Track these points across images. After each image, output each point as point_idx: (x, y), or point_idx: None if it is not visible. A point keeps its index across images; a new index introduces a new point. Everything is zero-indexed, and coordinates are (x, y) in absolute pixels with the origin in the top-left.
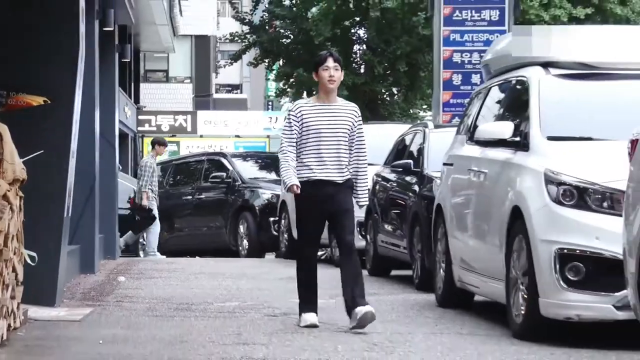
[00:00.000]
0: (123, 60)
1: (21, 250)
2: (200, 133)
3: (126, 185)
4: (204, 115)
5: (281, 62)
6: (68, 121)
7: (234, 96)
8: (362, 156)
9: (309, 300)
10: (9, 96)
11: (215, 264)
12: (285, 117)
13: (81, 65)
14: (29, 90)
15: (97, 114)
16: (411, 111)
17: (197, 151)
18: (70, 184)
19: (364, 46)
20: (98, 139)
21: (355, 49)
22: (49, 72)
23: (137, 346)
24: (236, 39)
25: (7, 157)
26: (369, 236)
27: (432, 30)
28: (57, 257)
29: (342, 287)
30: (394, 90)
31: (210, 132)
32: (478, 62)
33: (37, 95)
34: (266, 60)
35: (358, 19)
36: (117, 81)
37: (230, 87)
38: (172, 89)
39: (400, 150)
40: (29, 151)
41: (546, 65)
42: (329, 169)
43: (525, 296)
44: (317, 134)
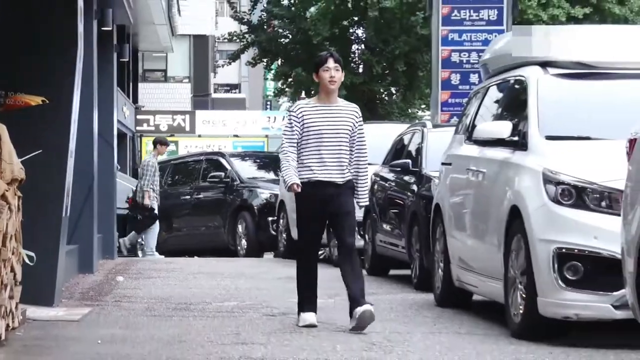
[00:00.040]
0: (121, 60)
1: (19, 250)
2: (198, 133)
3: (124, 185)
4: (203, 115)
5: (279, 61)
6: (66, 121)
7: (233, 96)
8: (362, 157)
9: (308, 300)
10: (7, 96)
11: (213, 263)
12: (286, 117)
13: (79, 65)
14: (27, 90)
15: (96, 114)
16: (410, 111)
17: (195, 151)
18: (69, 183)
19: (363, 46)
20: (96, 138)
21: (353, 48)
22: (48, 71)
23: (136, 346)
24: (234, 38)
25: (6, 157)
26: (367, 236)
27: (430, 30)
28: (56, 257)
29: (346, 289)
30: (393, 89)
31: (208, 131)
32: (476, 61)
33: (35, 95)
34: (264, 60)
35: (356, 18)
36: (116, 81)
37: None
38: (170, 88)
39: (398, 149)
40: (27, 151)
41: (544, 64)
42: (329, 170)
43: (524, 295)
44: (318, 134)
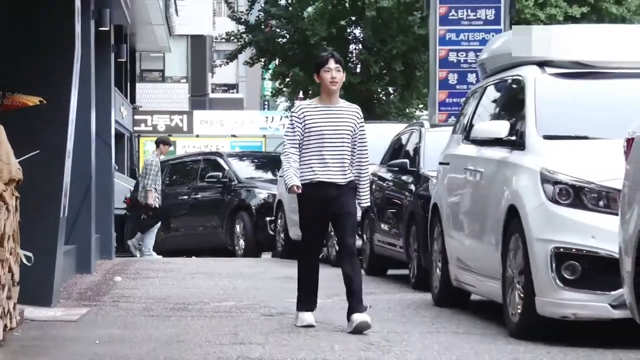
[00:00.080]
0: (119, 60)
1: (17, 250)
2: (196, 133)
3: (122, 185)
4: (200, 115)
5: (277, 61)
6: (64, 121)
7: (230, 96)
8: (364, 157)
9: (307, 299)
10: (4, 96)
11: (211, 263)
12: (288, 118)
13: (77, 65)
14: (24, 91)
15: (93, 114)
16: (407, 110)
17: (193, 151)
18: (67, 184)
19: (360, 46)
20: (94, 138)
21: (351, 48)
22: (45, 72)
23: (134, 346)
24: (232, 38)
25: (3, 157)
26: (365, 235)
27: (427, 30)
28: (54, 257)
29: (346, 290)
30: (390, 89)
31: (206, 131)
32: (474, 61)
33: (33, 96)
34: (262, 60)
35: (354, 18)
36: (113, 81)
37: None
38: (168, 88)
39: (396, 149)
40: (25, 151)
41: (542, 64)
42: (331, 171)
43: (522, 295)
44: (320, 135)
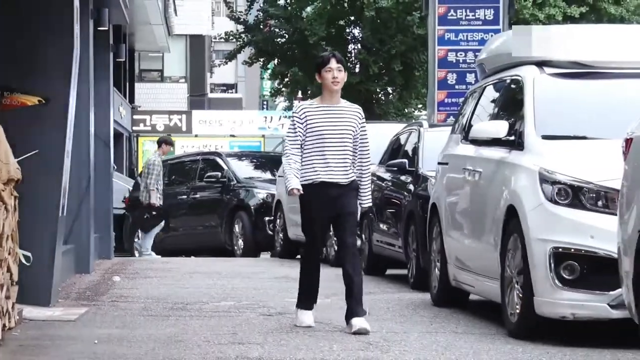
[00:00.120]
0: (118, 60)
1: (16, 250)
2: (195, 133)
3: (121, 185)
4: (199, 115)
5: (276, 61)
6: (63, 121)
7: (229, 96)
8: (365, 158)
9: (307, 299)
10: (3, 96)
11: (210, 263)
12: (290, 119)
13: (76, 65)
14: (23, 90)
15: (92, 114)
16: (406, 110)
17: (192, 151)
18: (65, 183)
19: (359, 45)
20: (93, 138)
21: (350, 48)
22: (44, 72)
23: (132, 346)
24: (231, 38)
25: (2, 157)
26: (364, 235)
27: (426, 30)
28: (52, 257)
29: (346, 291)
30: (389, 89)
31: (205, 131)
32: (473, 61)
33: (31, 95)
34: (261, 60)
35: (353, 18)
36: (112, 81)
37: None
38: (167, 88)
39: (395, 149)
40: (23, 151)
41: (541, 64)
42: (333, 171)
43: (520, 295)
44: (321, 135)
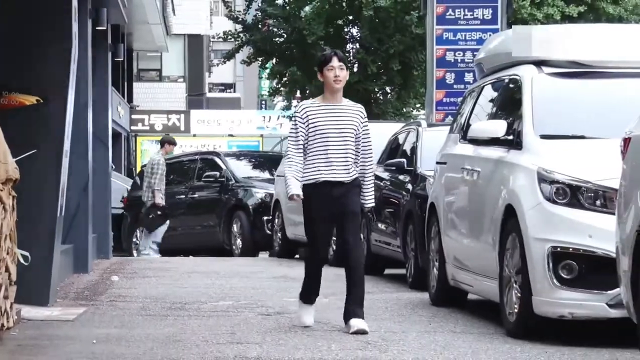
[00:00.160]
0: (116, 60)
1: (14, 250)
2: (193, 132)
3: (119, 184)
4: (197, 115)
5: (274, 61)
6: (61, 120)
7: (228, 95)
8: (368, 158)
9: (309, 296)
10: (1, 95)
11: (208, 263)
12: (292, 120)
13: (74, 64)
14: (21, 90)
15: (90, 114)
16: (404, 110)
17: (190, 150)
18: (64, 183)
19: (357, 45)
20: (91, 138)
21: (348, 47)
22: (42, 71)
23: (131, 345)
24: (229, 37)
25: (0, 157)
26: (362, 234)
27: (425, 29)
28: (51, 256)
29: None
30: (388, 89)
31: (203, 131)
32: (471, 60)
33: (30, 95)
34: (259, 59)
35: (351, 17)
36: (110, 80)
37: (223, 86)
38: (165, 88)
39: (393, 149)
40: (21, 150)
41: (539, 63)
42: (335, 170)
43: (519, 294)
44: (324, 134)
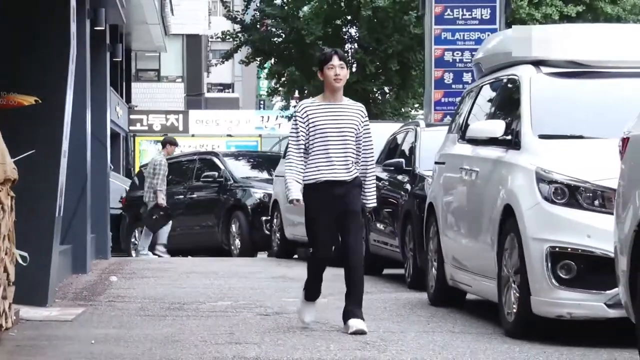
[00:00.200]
0: (114, 60)
1: (13, 250)
2: (192, 132)
3: (118, 184)
4: (196, 115)
5: (273, 61)
6: (59, 121)
7: (226, 95)
8: (369, 157)
9: (312, 295)
10: (0, 96)
11: (207, 263)
12: (292, 120)
13: (72, 64)
14: (20, 90)
15: (89, 114)
16: (403, 110)
17: (188, 150)
18: (62, 183)
19: (356, 45)
20: (89, 138)
21: (346, 47)
22: (40, 71)
23: (129, 346)
24: (227, 38)
25: None
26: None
27: (423, 29)
28: (49, 257)
29: (346, 291)
30: (386, 89)
31: (202, 131)
32: (469, 60)
33: (28, 95)
34: (258, 59)
35: (349, 17)
36: (109, 80)
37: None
38: (163, 88)
39: (392, 149)
40: (20, 151)
41: (537, 63)
42: (336, 169)
43: (517, 294)
44: (324, 133)
